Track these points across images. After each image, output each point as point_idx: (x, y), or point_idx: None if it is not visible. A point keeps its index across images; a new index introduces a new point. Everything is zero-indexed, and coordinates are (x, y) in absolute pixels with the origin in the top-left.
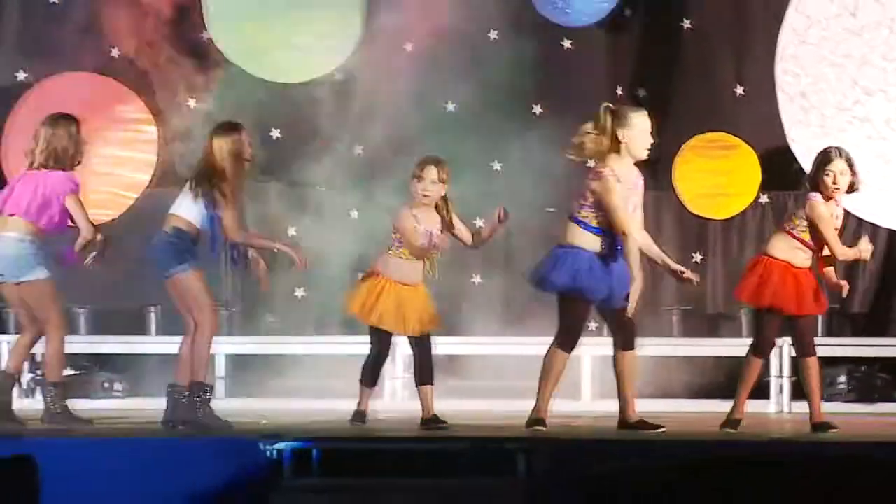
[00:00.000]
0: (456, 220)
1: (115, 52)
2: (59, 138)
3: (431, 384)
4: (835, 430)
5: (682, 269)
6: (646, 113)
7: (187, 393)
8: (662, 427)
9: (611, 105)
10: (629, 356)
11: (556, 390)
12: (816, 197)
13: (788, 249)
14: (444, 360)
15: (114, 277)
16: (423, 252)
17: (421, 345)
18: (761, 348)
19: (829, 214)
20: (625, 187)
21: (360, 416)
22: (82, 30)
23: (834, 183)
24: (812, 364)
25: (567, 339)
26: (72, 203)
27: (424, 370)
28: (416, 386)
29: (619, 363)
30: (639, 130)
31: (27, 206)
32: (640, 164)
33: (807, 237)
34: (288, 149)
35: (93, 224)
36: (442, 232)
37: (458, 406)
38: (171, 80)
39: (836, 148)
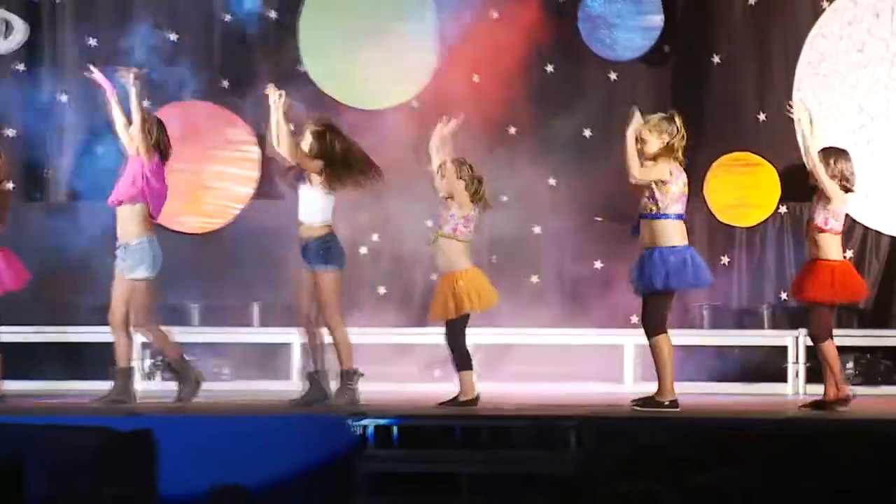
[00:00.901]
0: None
1: (224, 83)
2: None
3: (461, 370)
4: (844, 409)
5: None
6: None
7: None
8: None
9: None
10: (650, 343)
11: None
12: None
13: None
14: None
15: (223, 277)
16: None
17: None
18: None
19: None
20: None
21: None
22: (197, 62)
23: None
24: (822, 349)
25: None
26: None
27: (453, 358)
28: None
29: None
30: None
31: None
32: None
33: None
34: None
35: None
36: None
37: (515, 389)
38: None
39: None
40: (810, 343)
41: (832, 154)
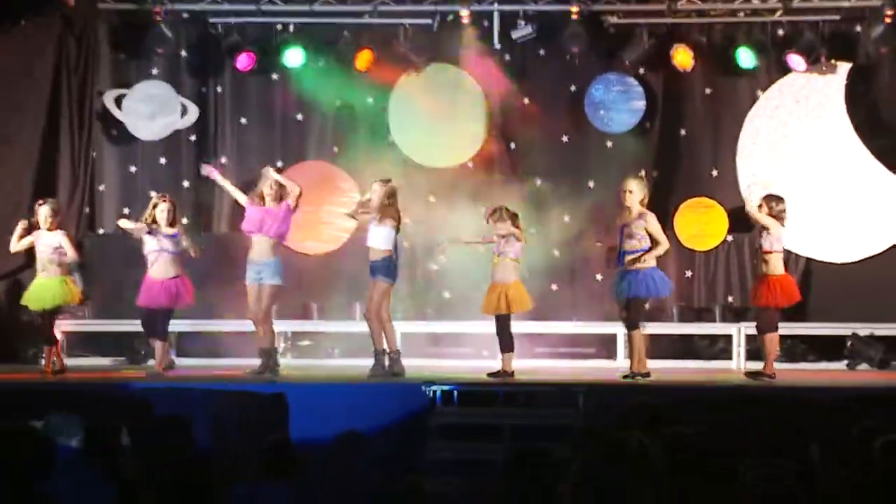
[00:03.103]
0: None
1: (335, 149)
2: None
3: (505, 352)
4: (773, 379)
5: None
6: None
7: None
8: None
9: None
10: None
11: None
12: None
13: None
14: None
15: (334, 284)
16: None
17: (496, 324)
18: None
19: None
20: None
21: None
22: (316, 134)
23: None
24: (763, 339)
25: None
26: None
27: (498, 341)
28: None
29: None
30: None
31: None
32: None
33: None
34: (440, 209)
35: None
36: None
37: (541, 364)
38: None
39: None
40: (750, 332)
41: (773, 199)
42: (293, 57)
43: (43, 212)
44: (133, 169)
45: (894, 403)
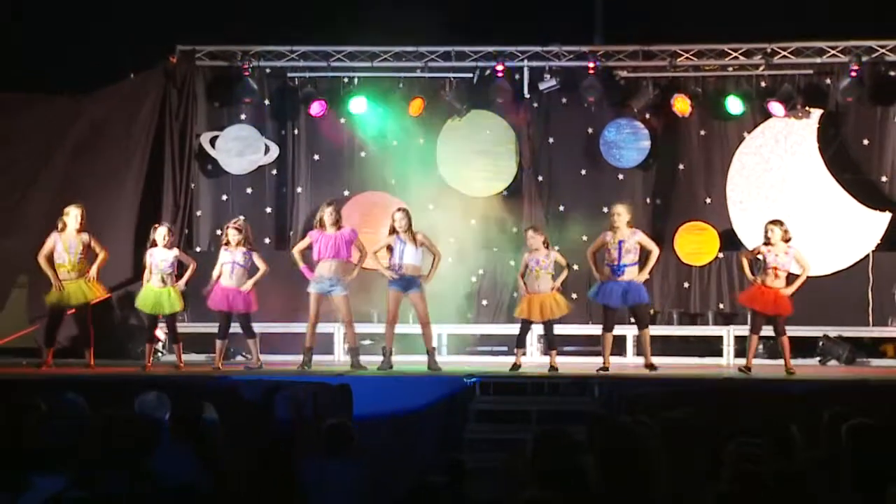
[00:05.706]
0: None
1: (392, 181)
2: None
3: (554, 349)
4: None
5: None
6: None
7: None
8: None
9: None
10: (644, 333)
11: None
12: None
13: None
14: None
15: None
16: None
17: (545, 326)
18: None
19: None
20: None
21: (515, 367)
22: (377, 168)
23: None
24: (780, 342)
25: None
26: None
27: (548, 341)
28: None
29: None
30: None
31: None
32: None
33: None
34: (480, 231)
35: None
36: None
37: (564, 360)
38: (418, 196)
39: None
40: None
41: (778, 223)
42: (358, 104)
43: (161, 232)
44: (224, 197)
45: (858, 394)
